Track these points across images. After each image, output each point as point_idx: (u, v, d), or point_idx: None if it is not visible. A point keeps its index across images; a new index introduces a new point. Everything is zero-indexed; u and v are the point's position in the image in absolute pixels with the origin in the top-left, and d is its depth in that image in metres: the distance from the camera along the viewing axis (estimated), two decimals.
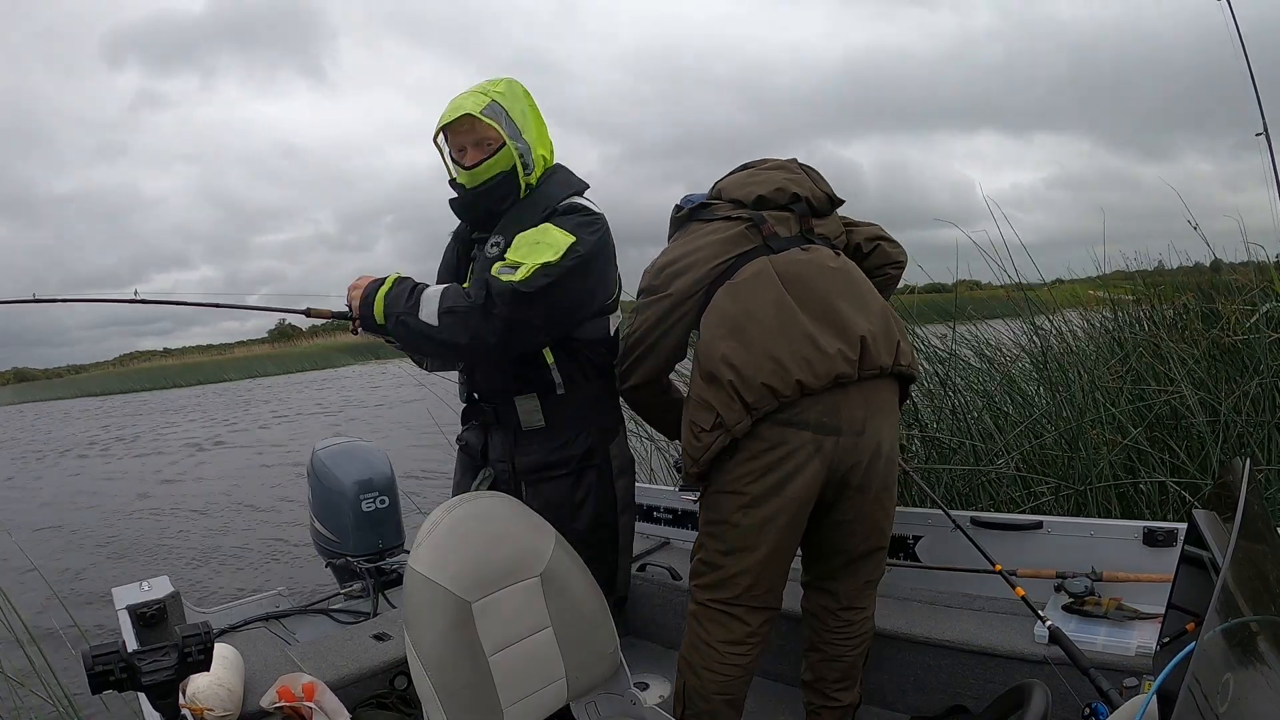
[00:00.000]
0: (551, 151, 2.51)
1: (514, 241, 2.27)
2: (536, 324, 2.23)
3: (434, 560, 1.77)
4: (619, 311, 2.55)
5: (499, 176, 2.38)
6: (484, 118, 2.32)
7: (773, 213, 2.36)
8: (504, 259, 2.23)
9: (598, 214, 2.39)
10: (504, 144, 2.35)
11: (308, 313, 2.49)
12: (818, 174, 2.50)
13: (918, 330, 4.82)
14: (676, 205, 2.54)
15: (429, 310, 2.21)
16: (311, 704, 2.29)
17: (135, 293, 2.55)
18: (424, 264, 2.72)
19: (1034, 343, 4.64)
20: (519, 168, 2.38)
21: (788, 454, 2.15)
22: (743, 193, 2.41)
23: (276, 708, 2.31)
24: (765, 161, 2.53)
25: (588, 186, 2.50)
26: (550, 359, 2.41)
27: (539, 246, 2.22)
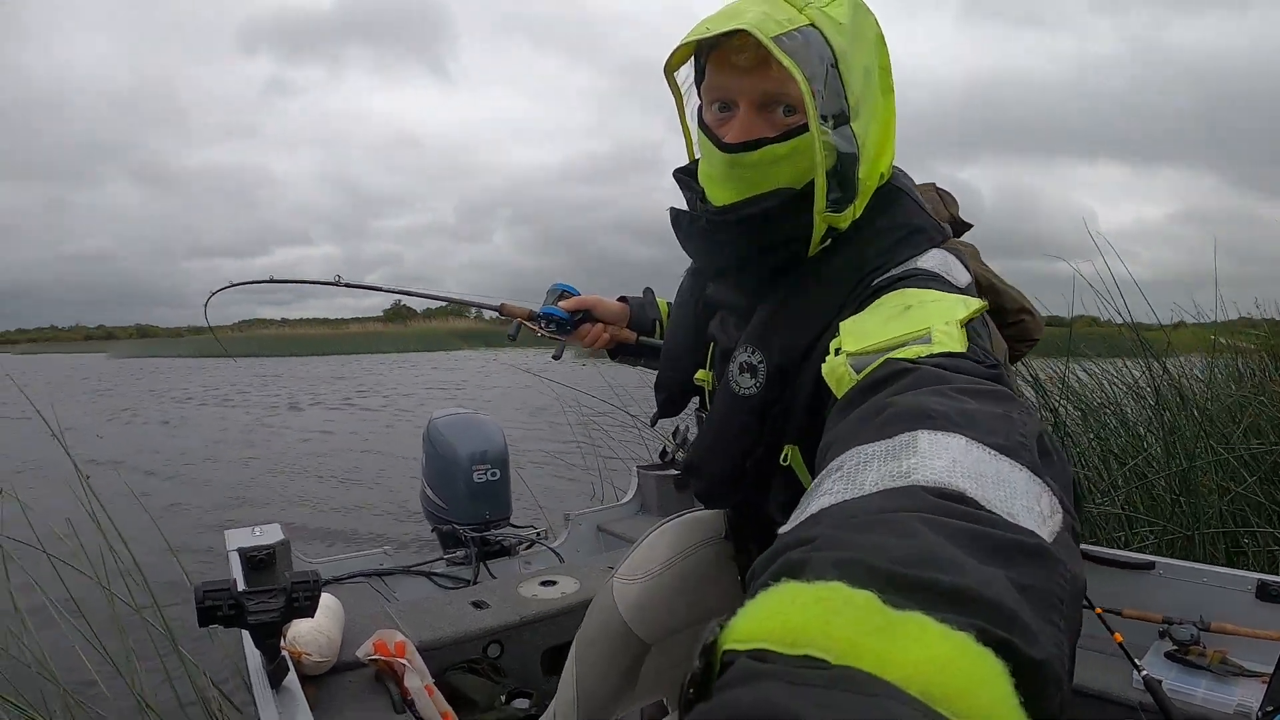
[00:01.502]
0: (891, 161, 1.31)
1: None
2: None
3: (643, 604, 1.61)
4: None
5: (781, 198, 1.20)
6: (782, 54, 1.08)
7: None
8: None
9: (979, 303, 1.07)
10: (805, 127, 1.15)
11: (501, 310, 2.13)
12: (951, 198, 2.43)
13: (1032, 363, 4.73)
14: None
15: None
16: (404, 660, 2.33)
17: (337, 279, 2.38)
18: (540, 259, 2.36)
19: (1149, 383, 4.53)
20: (821, 187, 1.16)
21: None
22: None
23: (371, 660, 2.36)
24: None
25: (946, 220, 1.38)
26: None
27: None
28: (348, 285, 2.37)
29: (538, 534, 3.73)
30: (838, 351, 0.99)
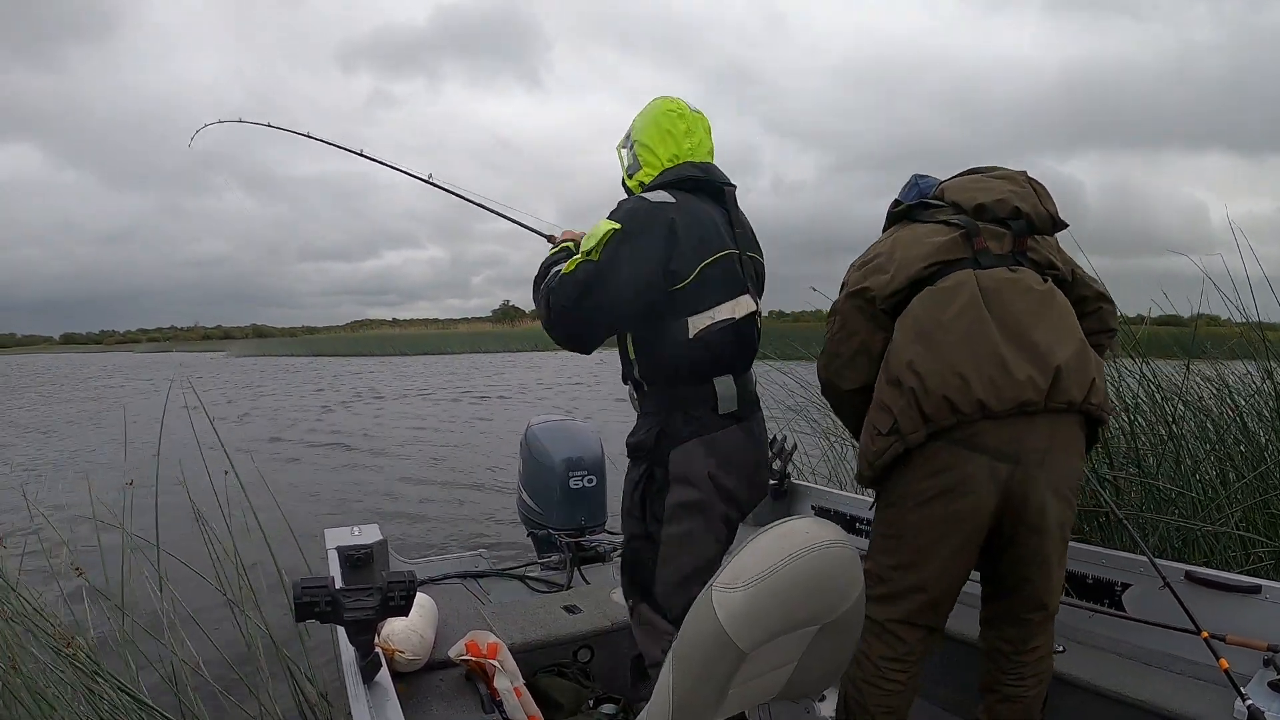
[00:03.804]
0: (680, 153, 2.41)
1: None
2: (583, 314, 2.20)
3: (744, 612, 1.58)
4: (706, 313, 2.27)
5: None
6: (617, 148, 2.59)
7: (988, 225, 2.26)
8: None
9: (651, 201, 2.25)
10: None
11: (551, 241, 2.78)
12: (1045, 191, 2.34)
13: (1149, 364, 4.51)
14: (895, 200, 2.48)
15: (546, 284, 2.28)
16: (495, 661, 2.36)
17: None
18: None
19: (1270, 388, 4.26)
20: (623, 169, 2.54)
21: (962, 479, 2.08)
22: (964, 197, 2.31)
23: (463, 659, 2.41)
24: (995, 170, 2.43)
25: (696, 179, 2.36)
26: (631, 354, 2.35)
27: (587, 238, 2.20)
28: (369, 159, 3.46)
29: None
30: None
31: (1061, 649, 2.62)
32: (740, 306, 2.31)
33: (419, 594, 2.38)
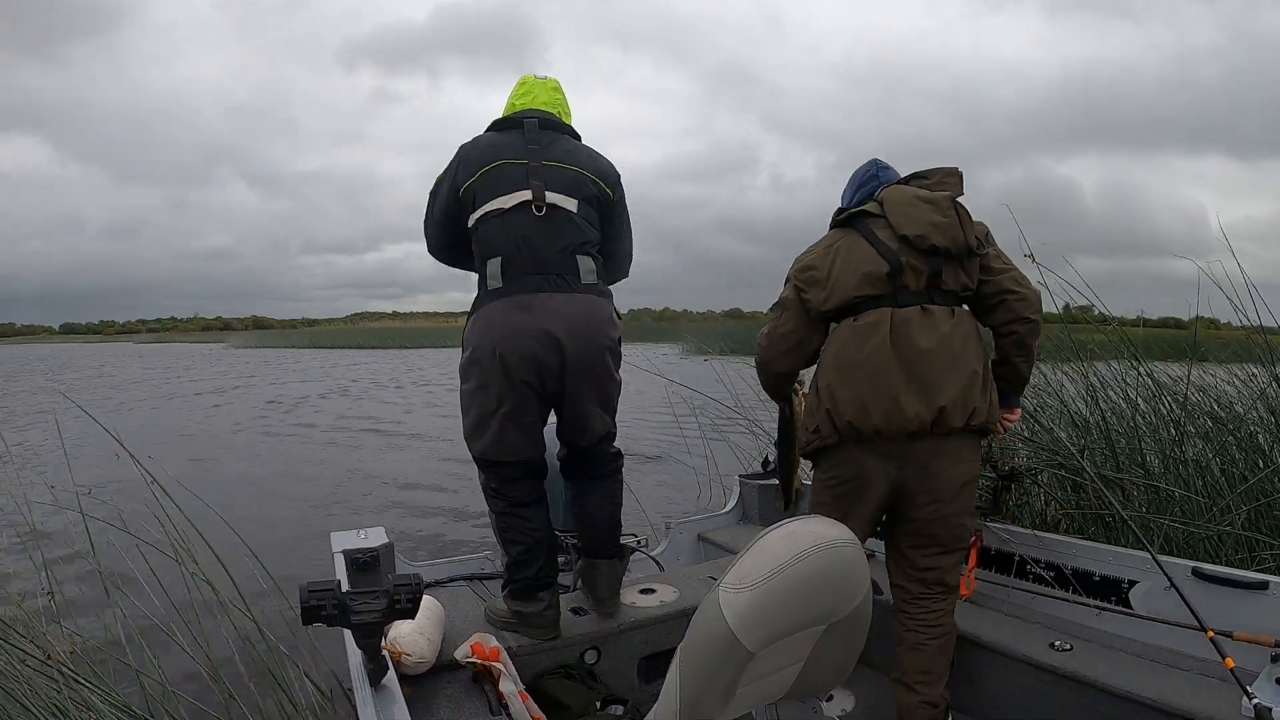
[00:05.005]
0: (513, 111, 3.00)
1: None
2: (431, 234, 3.03)
3: (751, 613, 1.55)
4: (480, 209, 2.80)
5: None
6: None
7: (910, 259, 2.66)
8: None
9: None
10: None
11: None
12: (968, 219, 2.70)
13: (1147, 367, 4.49)
14: (839, 208, 2.93)
15: None
16: (499, 664, 2.36)
17: None
18: (646, 255, 3.06)
19: (1273, 391, 4.25)
20: None
21: (863, 474, 2.71)
22: (896, 217, 2.70)
23: (469, 661, 2.41)
24: (934, 174, 2.87)
25: (506, 119, 2.96)
26: None
27: None
28: None
29: (638, 542, 3.73)
30: None
31: (1069, 647, 2.64)
32: (510, 199, 2.77)
33: (425, 596, 2.37)
